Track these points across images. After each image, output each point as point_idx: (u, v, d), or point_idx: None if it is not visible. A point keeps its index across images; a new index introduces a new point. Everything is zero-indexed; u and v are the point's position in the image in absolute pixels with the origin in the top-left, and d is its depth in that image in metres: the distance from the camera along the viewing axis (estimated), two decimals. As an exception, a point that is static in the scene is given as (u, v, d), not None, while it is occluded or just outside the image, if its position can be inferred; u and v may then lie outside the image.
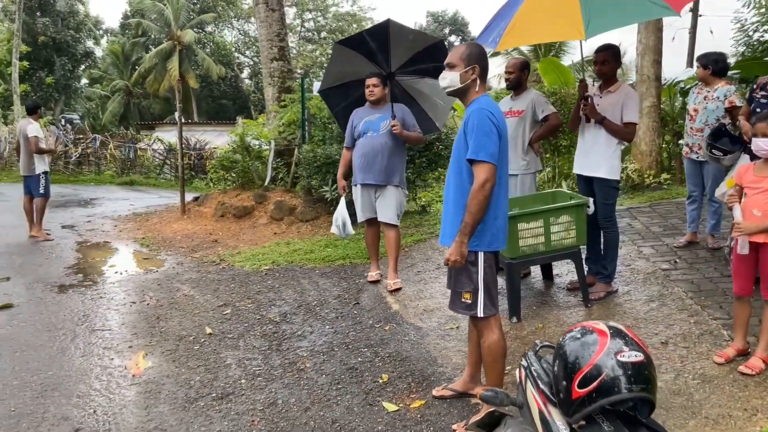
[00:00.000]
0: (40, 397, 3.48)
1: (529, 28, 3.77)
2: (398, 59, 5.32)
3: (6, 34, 24.40)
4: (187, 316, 4.86)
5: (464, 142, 2.84)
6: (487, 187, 2.74)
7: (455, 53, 2.90)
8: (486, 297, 2.92)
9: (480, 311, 2.91)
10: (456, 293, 2.98)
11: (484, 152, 2.74)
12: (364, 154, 5.06)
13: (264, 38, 10.10)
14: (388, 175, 5.07)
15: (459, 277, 2.94)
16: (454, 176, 2.93)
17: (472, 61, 2.88)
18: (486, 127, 2.77)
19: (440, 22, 45.61)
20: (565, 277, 4.90)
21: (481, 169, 2.75)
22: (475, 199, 2.74)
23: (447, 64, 2.89)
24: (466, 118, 2.84)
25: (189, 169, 15.43)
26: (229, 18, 41.84)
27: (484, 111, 2.81)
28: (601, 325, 1.65)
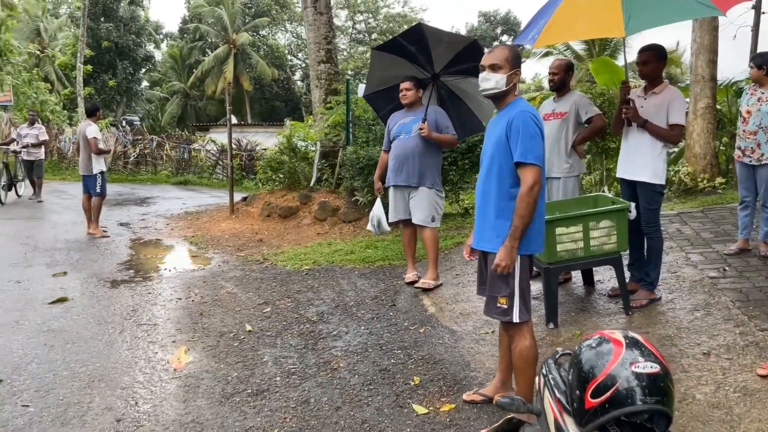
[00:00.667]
0: (87, 387, 3.65)
1: (568, 25, 3.71)
2: (441, 60, 5.33)
3: (72, 39, 25.61)
4: (229, 313, 4.99)
5: (505, 146, 2.83)
6: (536, 190, 2.75)
7: (500, 55, 2.86)
8: (521, 302, 2.90)
9: (516, 316, 2.89)
10: (492, 298, 2.96)
11: (532, 155, 2.75)
12: (397, 156, 5.16)
13: (312, 41, 10.26)
14: (420, 176, 5.10)
15: (495, 282, 2.92)
16: (496, 179, 2.90)
17: (515, 64, 2.88)
18: (532, 130, 2.78)
19: (492, 22, 45.12)
20: (607, 283, 4.78)
21: (530, 172, 2.75)
22: (524, 202, 2.75)
23: (492, 65, 2.85)
24: (509, 121, 2.82)
25: (240, 170, 15.82)
26: (283, 21, 42.64)
27: (528, 113, 2.81)
28: (618, 335, 1.61)
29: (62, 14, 35.86)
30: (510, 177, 2.85)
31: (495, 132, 2.93)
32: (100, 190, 8.24)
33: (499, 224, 2.88)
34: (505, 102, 2.92)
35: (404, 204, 5.25)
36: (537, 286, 4.76)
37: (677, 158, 8.63)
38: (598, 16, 3.52)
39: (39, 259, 6.90)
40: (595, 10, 3.55)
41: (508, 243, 2.78)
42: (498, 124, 2.93)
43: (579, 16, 3.67)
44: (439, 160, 5.28)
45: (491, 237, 2.92)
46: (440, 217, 5.34)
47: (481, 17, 46.02)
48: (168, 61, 40.89)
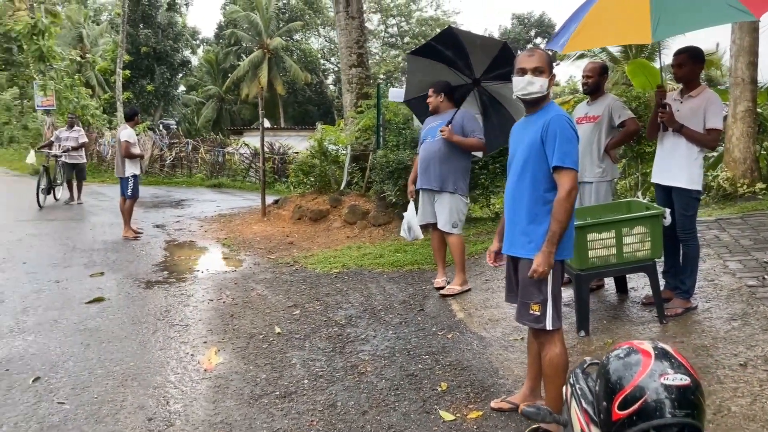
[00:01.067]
0: (120, 386, 3.74)
1: (597, 31, 3.66)
2: (480, 65, 5.33)
3: (111, 45, 26.32)
4: (259, 315, 5.05)
5: (540, 150, 2.80)
6: (573, 194, 2.74)
7: (542, 59, 2.83)
8: (554, 309, 2.87)
9: (549, 323, 2.85)
10: (524, 304, 2.91)
11: (570, 159, 2.74)
12: (422, 160, 5.21)
13: (343, 45, 10.33)
14: (442, 180, 5.09)
15: (528, 288, 2.88)
16: (530, 184, 2.86)
17: (552, 68, 2.87)
18: (569, 134, 2.77)
19: (526, 25, 44.73)
20: (641, 290, 4.68)
21: (567, 177, 2.74)
22: (562, 207, 2.73)
23: (535, 69, 2.81)
24: (544, 125, 2.79)
25: (272, 173, 16.00)
26: (316, 26, 43.04)
27: (564, 117, 2.80)
28: (647, 345, 1.57)
29: (103, 21, 36.91)
30: (544, 181, 2.82)
31: (527, 136, 2.89)
32: (130, 192, 8.36)
33: (532, 229, 2.85)
34: (540, 106, 2.89)
35: (431, 208, 5.25)
36: (568, 293, 4.69)
37: (716, 163, 8.41)
38: (627, 22, 3.45)
39: (77, 259, 7.10)
40: (624, 15, 3.49)
41: (546, 248, 2.75)
42: (530, 128, 2.89)
43: (608, 21, 3.61)
44: (464, 164, 5.19)
45: (523, 242, 2.88)
46: (462, 223, 5.27)
47: (515, 19, 45.65)
48: (204, 65, 41.70)
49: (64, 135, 11.62)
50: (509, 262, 3.07)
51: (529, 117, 2.94)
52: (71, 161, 11.49)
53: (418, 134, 7.86)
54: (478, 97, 5.55)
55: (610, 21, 3.60)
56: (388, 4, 43.84)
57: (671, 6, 3.28)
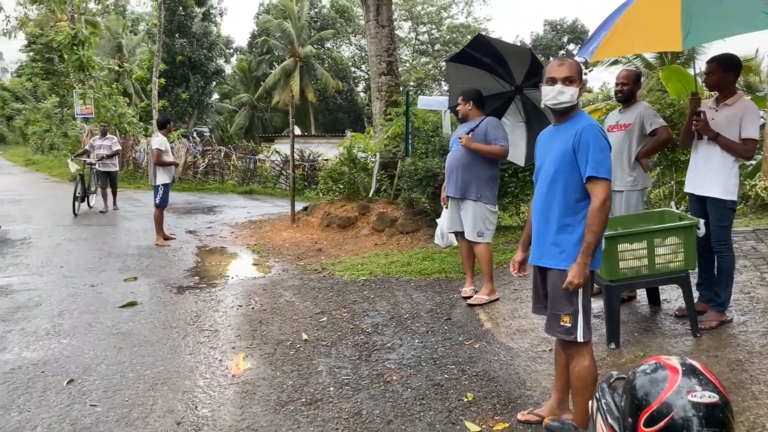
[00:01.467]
0: (150, 389, 3.81)
1: (627, 39, 3.62)
2: (519, 72, 5.37)
3: (148, 55, 26.98)
4: (287, 321, 5.09)
5: (572, 159, 2.77)
6: (608, 205, 2.71)
7: (572, 68, 2.80)
8: (585, 321, 2.82)
9: (580, 335, 2.80)
10: (554, 316, 2.87)
11: (603, 169, 2.71)
12: (447, 167, 5.27)
13: (373, 53, 10.39)
14: (464, 188, 5.08)
15: (558, 299, 2.84)
16: (561, 194, 2.82)
17: (581, 77, 2.84)
18: (601, 143, 2.73)
19: (558, 31, 44.34)
20: (674, 302, 4.58)
21: (601, 187, 2.71)
22: (597, 217, 2.70)
23: (566, 78, 2.78)
24: (576, 134, 2.75)
25: (302, 180, 16.15)
26: (347, 34, 43.40)
27: (596, 127, 2.77)
28: (674, 361, 1.53)
29: (141, 31, 37.89)
30: (576, 191, 2.79)
31: (557, 145, 2.85)
32: (159, 201, 8.41)
33: (563, 239, 2.82)
34: (569, 115, 2.86)
35: (458, 215, 5.26)
36: (598, 304, 4.61)
37: (754, 172, 8.17)
38: (657, 29, 3.40)
39: (112, 264, 7.27)
40: (655, 23, 3.43)
41: (581, 260, 2.71)
42: (559, 137, 2.86)
43: (637, 29, 3.57)
44: (490, 172, 5.09)
45: (553, 253, 2.85)
46: (491, 232, 5.21)
47: (547, 26, 45.32)
48: (237, 74, 42.42)
49: (98, 143, 11.76)
50: (536, 273, 3.04)
51: (558, 126, 2.91)
52: (105, 169, 11.64)
53: (447, 142, 7.86)
54: (521, 105, 5.55)
55: (640, 28, 3.55)
56: (419, 11, 43.95)
57: (703, 13, 3.22)
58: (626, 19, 3.59)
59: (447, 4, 45.16)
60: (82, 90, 19.28)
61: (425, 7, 44.18)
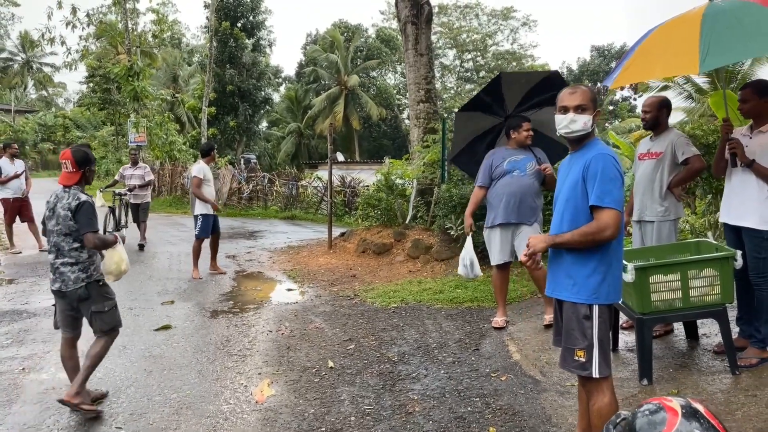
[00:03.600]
0: (175, 414, 3.86)
1: (646, 64, 3.59)
2: (513, 101, 5.50)
3: (200, 84, 28.04)
4: (314, 348, 5.09)
5: (582, 189, 2.72)
6: (606, 234, 2.63)
7: (585, 96, 2.77)
8: (600, 355, 2.72)
9: (595, 371, 2.71)
10: (568, 350, 2.79)
11: (609, 198, 2.64)
12: (512, 193, 5.05)
13: (412, 81, 10.48)
14: (526, 214, 5.08)
15: (571, 333, 2.77)
16: (571, 224, 2.77)
17: (596, 105, 2.80)
18: (611, 173, 2.66)
19: (605, 56, 43.80)
20: (713, 337, 4.36)
21: (606, 215, 2.63)
22: (587, 235, 2.65)
23: (578, 107, 2.75)
24: (586, 164, 2.71)
25: (343, 206, 16.29)
26: (392, 63, 44.01)
27: (607, 157, 2.71)
28: (674, 403, 1.46)
29: (195, 62, 39.45)
30: (587, 221, 2.72)
31: (571, 175, 2.81)
32: (197, 232, 8.00)
33: (575, 271, 2.75)
34: (583, 144, 2.82)
35: (509, 245, 5.17)
36: (632, 337, 4.45)
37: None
38: (675, 53, 3.35)
39: (152, 287, 7.47)
40: (674, 47, 3.38)
41: (550, 240, 2.77)
42: (573, 166, 2.82)
43: (657, 54, 3.52)
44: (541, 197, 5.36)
45: (567, 285, 2.78)
46: None
47: (594, 51, 44.85)
48: (284, 102, 43.51)
49: (128, 173, 10.48)
50: (555, 305, 2.96)
51: (573, 155, 2.87)
52: (135, 201, 10.41)
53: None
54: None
55: (660, 53, 3.50)
56: (463, 39, 44.28)
57: (721, 36, 3.15)
58: (646, 45, 3.56)
59: (492, 32, 45.39)
60: (136, 119, 20.13)
61: (470, 35, 44.51)
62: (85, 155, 3.92)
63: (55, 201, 3.88)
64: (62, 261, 3.81)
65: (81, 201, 3.79)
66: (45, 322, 5.84)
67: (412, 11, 10.37)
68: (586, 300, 2.71)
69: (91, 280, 3.86)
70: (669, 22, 3.68)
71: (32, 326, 5.68)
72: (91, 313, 3.87)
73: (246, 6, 32.65)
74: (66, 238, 3.80)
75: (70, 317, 3.94)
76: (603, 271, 2.71)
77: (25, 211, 9.77)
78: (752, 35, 3.10)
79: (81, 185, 3.92)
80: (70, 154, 3.88)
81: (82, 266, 3.83)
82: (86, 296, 3.83)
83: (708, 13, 3.34)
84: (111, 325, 3.98)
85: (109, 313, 3.94)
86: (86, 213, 3.76)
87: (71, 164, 3.87)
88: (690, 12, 3.52)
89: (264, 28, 34.49)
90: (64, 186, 3.89)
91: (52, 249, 3.85)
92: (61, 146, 38.85)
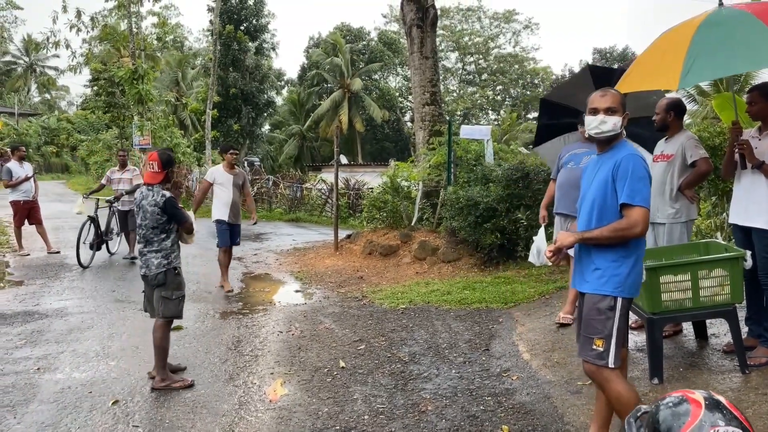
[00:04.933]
0: (190, 412, 3.90)
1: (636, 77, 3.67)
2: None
3: (204, 88, 28.10)
4: (325, 348, 5.14)
5: (611, 188, 2.81)
6: (636, 231, 2.73)
7: (615, 99, 2.87)
8: (617, 346, 2.79)
9: (611, 361, 2.78)
10: (587, 339, 2.87)
11: (640, 197, 2.73)
12: (561, 185, 5.22)
13: (417, 84, 10.54)
14: None
15: (592, 322, 2.84)
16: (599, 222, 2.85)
17: (625, 108, 2.90)
18: (641, 172, 2.77)
19: (608, 59, 43.82)
20: (722, 337, 4.40)
21: (636, 213, 2.73)
22: (617, 231, 2.74)
23: (608, 109, 2.84)
24: (616, 163, 2.80)
25: (347, 208, 16.35)
26: (394, 65, 44.10)
27: (637, 157, 2.80)
28: (697, 395, 1.50)
29: (197, 65, 39.54)
30: (614, 219, 2.81)
31: (599, 175, 2.89)
32: (218, 240, 7.44)
33: (603, 263, 2.83)
34: (612, 145, 2.91)
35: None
36: (642, 337, 4.49)
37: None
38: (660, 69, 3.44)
39: (161, 289, 7.50)
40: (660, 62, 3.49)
41: (579, 236, 2.84)
42: (602, 166, 2.90)
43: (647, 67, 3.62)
44: None
45: (594, 277, 2.87)
46: None
47: (596, 54, 44.87)
48: (287, 105, 43.61)
49: (116, 176, 9.55)
50: (580, 299, 3.03)
51: (602, 156, 2.96)
52: (123, 208, 9.30)
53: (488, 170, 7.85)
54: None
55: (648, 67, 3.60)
56: (466, 42, 44.38)
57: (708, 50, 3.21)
58: (644, 56, 3.67)
59: (494, 35, 45.47)
60: (141, 122, 20.20)
61: (472, 38, 44.60)
62: (169, 158, 4.37)
63: (141, 198, 4.34)
64: (149, 249, 4.32)
65: (166, 198, 4.26)
66: (57, 323, 5.90)
67: (418, 14, 10.44)
68: (611, 292, 2.80)
69: (169, 267, 4.33)
70: (668, 32, 3.70)
71: (44, 327, 5.73)
72: (161, 297, 4.34)
73: (249, 9, 32.76)
74: (153, 230, 4.29)
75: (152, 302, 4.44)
76: (629, 265, 2.80)
77: (34, 213, 9.83)
78: (738, 51, 3.13)
79: (163, 184, 4.34)
80: (156, 156, 4.31)
81: (165, 253, 4.32)
82: (163, 281, 4.32)
83: (705, 23, 3.36)
84: (172, 312, 4.41)
85: (174, 301, 4.40)
86: (173, 206, 4.28)
87: (157, 165, 4.29)
88: (690, 20, 3.55)
89: (267, 32, 34.60)
90: (149, 184, 4.33)
91: (141, 239, 4.36)
92: (64, 149, 39.04)
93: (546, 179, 7.26)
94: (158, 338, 4.33)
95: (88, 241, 8.88)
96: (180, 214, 4.33)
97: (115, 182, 9.51)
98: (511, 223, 7.26)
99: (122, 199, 9.24)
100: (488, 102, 45.66)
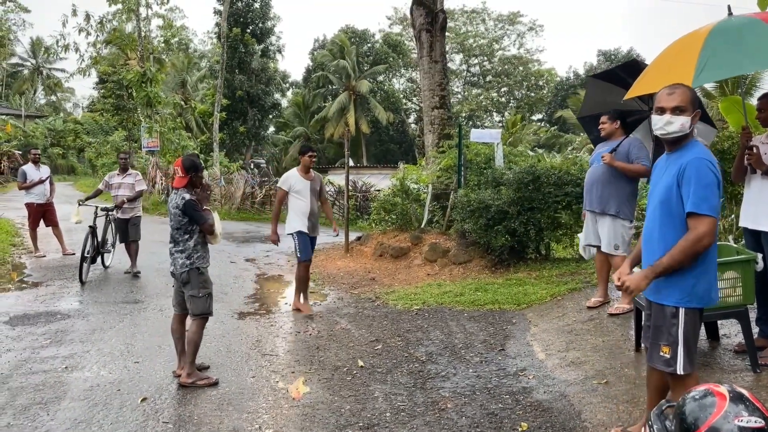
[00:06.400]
0: (217, 409, 4.03)
1: (649, 78, 3.80)
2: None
3: (210, 90, 28.30)
4: (343, 348, 5.26)
5: (676, 193, 2.72)
6: (704, 242, 2.63)
7: (684, 97, 2.72)
8: (685, 353, 2.76)
9: (680, 368, 2.75)
10: (654, 345, 2.85)
11: (706, 205, 2.63)
12: (587, 182, 5.46)
13: (426, 88, 10.67)
14: (603, 203, 5.27)
15: (659, 329, 2.83)
16: (668, 228, 2.77)
17: (695, 106, 2.75)
18: (707, 179, 2.66)
19: (612, 60, 43.87)
20: (733, 337, 4.51)
21: (702, 223, 2.63)
22: (686, 250, 2.64)
23: (676, 108, 2.70)
24: (681, 167, 2.70)
25: (355, 210, 16.47)
26: (399, 67, 44.22)
27: (704, 161, 2.69)
28: (722, 388, 1.62)
29: (203, 67, 39.75)
30: (682, 225, 2.72)
31: (666, 176, 2.80)
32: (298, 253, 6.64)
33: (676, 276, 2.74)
34: (680, 145, 2.78)
35: (593, 229, 5.44)
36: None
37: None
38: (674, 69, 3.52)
39: (177, 290, 7.63)
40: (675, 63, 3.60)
41: (646, 272, 2.71)
42: (669, 168, 2.81)
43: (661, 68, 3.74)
44: (629, 188, 5.26)
45: (659, 287, 2.80)
46: (626, 245, 5.28)
47: (601, 56, 44.93)
48: (291, 107, 43.78)
49: (116, 181, 8.57)
50: (647, 305, 3.02)
51: (670, 155, 2.86)
52: (122, 216, 8.45)
53: (498, 173, 7.99)
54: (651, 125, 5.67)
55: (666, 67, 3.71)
56: (470, 44, 44.49)
57: (721, 51, 3.35)
58: (659, 59, 3.82)
59: (499, 37, 45.57)
60: (149, 124, 20.38)
61: (477, 40, 44.71)
62: (192, 163, 4.55)
63: (170, 201, 4.59)
64: (175, 248, 4.53)
65: (185, 200, 4.43)
66: (79, 323, 6.03)
67: (427, 19, 10.57)
68: (675, 303, 2.76)
69: (192, 267, 4.48)
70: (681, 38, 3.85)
71: (68, 327, 5.87)
72: (189, 297, 4.52)
73: (256, 12, 32.98)
74: (178, 230, 4.51)
75: (180, 296, 4.63)
76: (696, 275, 2.73)
77: (49, 215, 9.98)
78: (748, 52, 3.27)
79: (188, 188, 4.51)
80: (180, 162, 4.53)
81: (188, 253, 4.49)
82: (187, 280, 4.49)
83: (716, 29, 3.50)
84: (201, 310, 4.54)
85: (201, 299, 4.53)
86: (191, 208, 4.42)
87: (181, 170, 4.51)
88: (702, 27, 3.70)
89: (273, 34, 34.81)
90: (175, 188, 4.57)
91: (170, 239, 4.59)
92: (70, 151, 39.26)
93: (556, 182, 7.38)
94: (192, 332, 4.51)
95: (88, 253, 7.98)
96: (198, 215, 4.47)
97: (114, 188, 8.55)
98: (521, 225, 7.37)
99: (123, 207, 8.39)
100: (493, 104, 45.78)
